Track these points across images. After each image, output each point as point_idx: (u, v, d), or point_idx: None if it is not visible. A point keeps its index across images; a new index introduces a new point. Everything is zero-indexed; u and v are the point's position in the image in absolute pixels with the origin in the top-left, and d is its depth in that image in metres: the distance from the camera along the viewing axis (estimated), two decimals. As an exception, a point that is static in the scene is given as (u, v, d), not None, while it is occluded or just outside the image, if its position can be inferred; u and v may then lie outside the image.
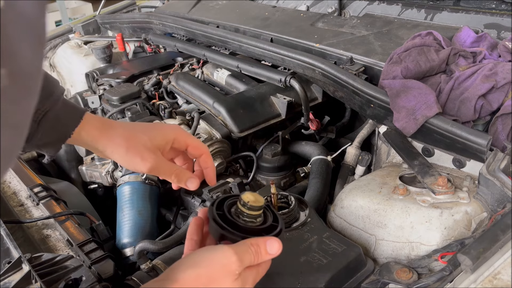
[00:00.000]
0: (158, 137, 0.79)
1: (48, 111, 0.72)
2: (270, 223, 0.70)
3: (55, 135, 0.74)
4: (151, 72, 1.91)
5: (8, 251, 1.02)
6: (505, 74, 1.08)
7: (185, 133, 0.83)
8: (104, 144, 0.77)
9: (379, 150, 1.24)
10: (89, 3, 5.79)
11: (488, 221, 0.88)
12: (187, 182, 0.79)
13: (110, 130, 0.77)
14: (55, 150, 0.77)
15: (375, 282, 0.82)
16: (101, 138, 0.77)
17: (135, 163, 0.76)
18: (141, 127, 0.81)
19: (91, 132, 0.76)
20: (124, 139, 0.77)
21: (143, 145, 0.77)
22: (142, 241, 1.14)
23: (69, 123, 0.75)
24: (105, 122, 0.79)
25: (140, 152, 0.76)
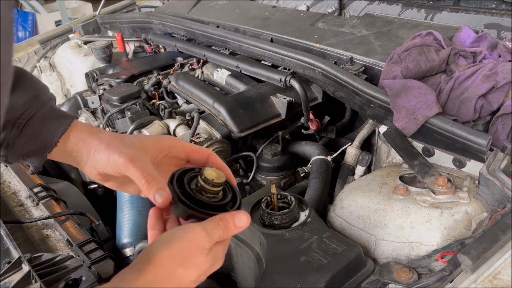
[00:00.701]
0: (150, 141, 0.73)
1: (32, 116, 0.67)
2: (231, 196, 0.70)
3: (39, 143, 0.69)
4: (151, 72, 1.91)
5: (8, 251, 1.02)
6: (505, 74, 1.07)
7: (183, 141, 0.77)
8: (89, 145, 0.70)
9: (379, 150, 1.24)
10: (89, 3, 5.79)
11: (488, 221, 0.88)
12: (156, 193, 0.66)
13: (99, 134, 0.72)
14: (39, 160, 0.71)
15: (375, 282, 0.82)
16: (88, 140, 0.70)
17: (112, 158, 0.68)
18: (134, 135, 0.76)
19: (80, 135, 0.71)
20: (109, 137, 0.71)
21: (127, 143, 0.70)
22: (142, 241, 1.15)
23: (55, 129, 0.69)
24: (95, 129, 0.74)
25: (119, 148, 0.69)
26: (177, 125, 1.47)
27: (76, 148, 0.71)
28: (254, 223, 0.90)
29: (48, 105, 0.70)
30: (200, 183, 0.67)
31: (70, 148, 0.71)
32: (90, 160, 0.71)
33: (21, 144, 0.68)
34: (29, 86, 0.69)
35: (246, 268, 0.97)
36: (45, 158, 0.71)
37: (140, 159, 0.68)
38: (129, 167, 0.67)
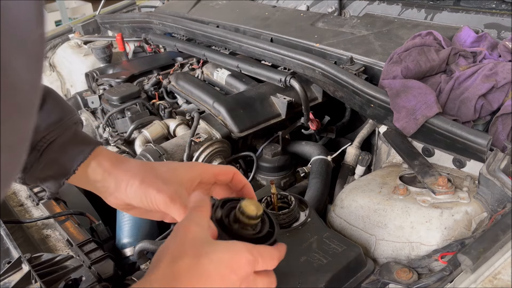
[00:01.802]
0: (181, 170, 0.70)
1: (53, 140, 0.65)
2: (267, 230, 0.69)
3: (57, 168, 0.66)
4: (151, 72, 1.91)
5: (8, 251, 1.02)
6: (505, 74, 1.07)
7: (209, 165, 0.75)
8: (116, 177, 0.67)
9: (379, 150, 1.24)
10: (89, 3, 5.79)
11: (488, 221, 0.88)
12: None
13: (125, 164, 0.68)
14: (56, 186, 0.68)
15: (375, 282, 0.82)
16: (114, 171, 0.67)
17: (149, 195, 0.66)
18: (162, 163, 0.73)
19: (103, 163, 0.67)
20: (141, 170, 0.67)
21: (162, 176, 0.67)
22: (142, 241, 1.14)
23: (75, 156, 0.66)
24: (120, 157, 0.70)
25: (156, 184, 0.65)
26: (177, 125, 1.47)
27: (101, 179, 0.68)
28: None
29: (71, 130, 0.68)
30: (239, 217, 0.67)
31: (93, 178, 0.68)
32: (119, 193, 0.68)
33: (39, 168, 0.66)
34: (54, 108, 0.66)
35: (246, 268, 0.97)
36: (62, 184, 0.68)
37: (180, 196, 0.66)
38: (170, 206, 0.65)
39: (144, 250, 1.12)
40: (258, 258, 0.61)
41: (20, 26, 0.29)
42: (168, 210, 0.66)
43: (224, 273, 0.58)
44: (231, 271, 0.58)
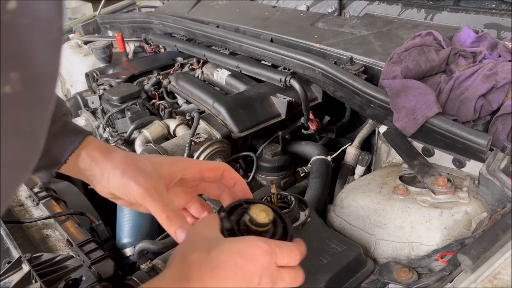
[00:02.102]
0: (164, 164, 0.70)
1: None
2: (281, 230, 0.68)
3: (49, 158, 0.68)
4: (151, 72, 1.91)
5: (8, 251, 1.02)
6: (505, 74, 1.07)
7: (194, 160, 0.75)
8: (102, 166, 0.68)
9: (379, 150, 1.24)
10: (89, 3, 5.79)
11: (488, 221, 0.88)
12: (177, 230, 0.65)
13: (112, 153, 0.70)
14: (48, 175, 0.69)
15: (375, 282, 0.82)
16: (100, 160, 0.69)
17: (128, 187, 0.67)
18: (147, 156, 0.73)
19: (92, 154, 0.69)
20: (123, 161, 0.68)
21: (143, 170, 0.67)
22: (142, 241, 1.14)
23: (66, 147, 0.68)
24: (108, 147, 0.71)
25: (136, 176, 0.66)
26: (177, 125, 1.47)
27: (88, 167, 0.69)
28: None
29: (61, 121, 0.69)
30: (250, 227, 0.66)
31: (82, 167, 0.69)
32: (103, 181, 0.69)
33: None
34: None
35: (246, 268, 0.97)
36: (53, 174, 0.70)
37: (157, 191, 0.66)
38: (147, 199, 0.66)
39: (144, 250, 1.12)
40: (276, 249, 0.60)
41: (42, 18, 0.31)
42: (144, 203, 0.66)
43: (238, 262, 0.57)
44: (246, 261, 0.58)
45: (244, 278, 0.57)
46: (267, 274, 0.59)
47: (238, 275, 0.57)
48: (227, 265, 0.57)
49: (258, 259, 0.58)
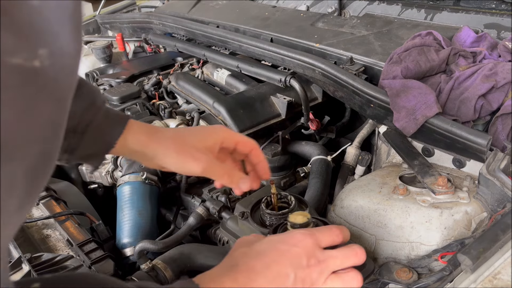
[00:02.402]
0: (208, 138, 0.78)
1: (90, 122, 0.71)
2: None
3: (98, 146, 0.74)
4: (151, 72, 1.91)
5: (8, 251, 1.02)
6: (505, 74, 1.07)
7: (232, 132, 0.83)
8: (153, 149, 0.75)
9: (379, 150, 1.24)
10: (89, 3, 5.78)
11: (488, 221, 0.88)
12: (240, 182, 0.78)
13: (157, 134, 0.76)
14: (98, 161, 0.76)
15: (375, 282, 0.82)
16: (150, 143, 0.75)
17: (187, 164, 0.75)
18: (189, 130, 0.81)
19: (138, 137, 0.75)
20: (173, 141, 0.75)
21: (193, 146, 0.76)
22: (142, 241, 1.15)
23: (112, 133, 0.73)
24: (152, 128, 0.78)
25: (191, 153, 0.75)
26: (177, 125, 1.47)
27: (139, 150, 0.75)
28: (254, 223, 0.90)
29: (103, 109, 0.74)
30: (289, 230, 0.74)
31: (132, 149, 0.76)
32: (156, 160, 0.76)
33: (81, 149, 0.72)
34: (85, 93, 0.72)
35: (246, 268, 0.97)
36: (103, 159, 0.76)
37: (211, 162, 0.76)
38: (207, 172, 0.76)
39: (144, 250, 1.12)
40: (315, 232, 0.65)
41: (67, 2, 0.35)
42: (206, 175, 0.77)
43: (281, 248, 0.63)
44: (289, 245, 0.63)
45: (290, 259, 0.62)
46: (313, 256, 0.63)
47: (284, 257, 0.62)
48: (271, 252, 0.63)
49: (300, 242, 0.63)
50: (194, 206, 1.29)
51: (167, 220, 1.40)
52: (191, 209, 1.31)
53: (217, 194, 1.26)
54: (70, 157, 0.73)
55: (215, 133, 0.80)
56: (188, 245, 1.19)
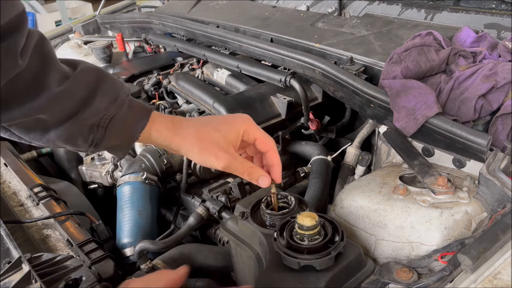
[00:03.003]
0: (230, 133, 0.81)
1: (114, 115, 0.73)
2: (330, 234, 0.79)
3: (122, 138, 0.76)
4: (151, 72, 1.91)
5: (8, 251, 1.02)
6: (505, 74, 1.07)
7: (254, 126, 0.84)
8: (177, 144, 0.79)
9: (379, 150, 1.24)
10: (89, 3, 5.79)
11: (488, 221, 0.88)
12: (259, 179, 0.82)
13: (181, 130, 0.79)
14: (123, 152, 0.79)
15: (375, 282, 0.81)
16: (174, 138, 0.78)
17: (209, 161, 0.78)
18: (212, 123, 0.82)
19: (162, 132, 0.78)
20: (197, 139, 0.78)
21: (216, 144, 0.78)
22: (142, 241, 1.15)
23: (135, 126, 0.76)
24: (175, 122, 0.80)
25: (214, 151, 0.78)
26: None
27: (162, 143, 0.79)
28: (254, 223, 0.90)
29: (126, 103, 0.75)
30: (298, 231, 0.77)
31: (155, 142, 0.79)
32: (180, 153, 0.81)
33: (106, 141, 0.75)
34: (107, 89, 0.74)
35: (246, 268, 0.97)
36: (128, 150, 0.80)
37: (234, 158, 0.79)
38: (228, 168, 0.79)
39: (144, 250, 1.12)
40: None
41: None
42: (227, 170, 0.80)
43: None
44: None
45: None
46: None
47: None
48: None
49: None
50: (194, 206, 1.29)
51: (167, 220, 1.40)
52: (191, 209, 1.31)
53: (217, 194, 1.26)
54: (95, 149, 0.76)
55: (238, 126, 0.82)
56: (188, 245, 1.19)
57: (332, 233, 0.79)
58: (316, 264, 0.75)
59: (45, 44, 0.71)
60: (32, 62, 0.68)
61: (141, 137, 0.77)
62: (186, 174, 1.34)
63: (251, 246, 0.91)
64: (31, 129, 0.72)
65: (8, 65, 0.64)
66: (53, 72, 0.70)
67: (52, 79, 0.69)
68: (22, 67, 0.66)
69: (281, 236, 0.80)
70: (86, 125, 0.72)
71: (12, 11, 0.63)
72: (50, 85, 0.69)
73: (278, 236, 0.79)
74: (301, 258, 0.75)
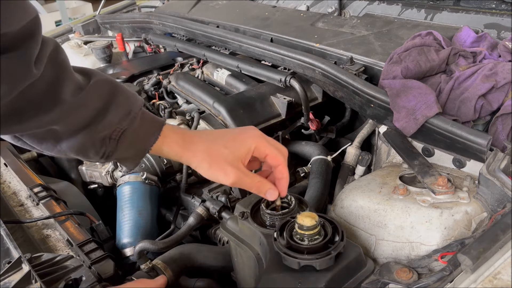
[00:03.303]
0: (240, 150, 0.82)
1: (126, 129, 0.74)
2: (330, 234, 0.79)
3: (133, 151, 0.77)
4: (151, 72, 1.91)
5: (8, 251, 1.02)
6: (505, 74, 1.07)
7: (265, 143, 0.85)
8: (187, 159, 0.81)
9: (379, 150, 1.24)
10: (89, 3, 5.79)
11: (488, 221, 0.88)
12: (267, 193, 0.84)
13: (191, 146, 0.80)
14: (134, 164, 0.80)
15: (375, 282, 0.81)
16: (184, 154, 0.80)
17: (219, 177, 0.80)
18: (222, 139, 0.83)
19: (173, 148, 0.79)
20: (207, 155, 0.80)
21: (225, 159, 0.80)
22: (142, 241, 1.15)
23: (147, 140, 0.77)
24: (186, 137, 0.81)
25: (223, 167, 0.79)
26: (177, 125, 1.47)
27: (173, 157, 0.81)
28: (254, 223, 0.90)
29: (138, 116, 0.76)
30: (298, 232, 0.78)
31: (166, 155, 0.81)
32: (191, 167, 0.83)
33: (117, 154, 0.76)
34: (123, 102, 0.75)
35: (246, 268, 0.97)
36: (138, 162, 0.81)
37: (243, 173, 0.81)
38: (237, 184, 0.81)
39: (144, 250, 1.12)
40: None
41: None
42: (236, 186, 0.83)
43: None
44: None
45: None
46: None
47: None
48: None
49: None
50: (194, 206, 1.29)
51: (167, 220, 1.40)
52: (191, 209, 1.31)
53: (217, 194, 1.26)
54: (106, 160, 0.77)
55: (248, 144, 0.83)
56: (188, 245, 1.19)
57: (332, 233, 0.79)
58: (316, 264, 0.75)
59: (60, 53, 0.69)
60: (47, 71, 0.66)
61: (152, 150, 0.78)
62: (186, 174, 1.34)
63: (251, 246, 0.91)
64: (43, 139, 0.72)
65: (22, 74, 0.62)
66: (68, 82, 0.69)
67: (67, 90, 0.68)
68: (37, 76, 0.64)
69: (281, 236, 0.80)
70: (98, 138, 0.72)
71: (25, 16, 0.61)
72: (64, 96, 0.68)
73: (278, 236, 0.79)
74: (301, 258, 0.75)
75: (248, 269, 0.96)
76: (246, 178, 0.81)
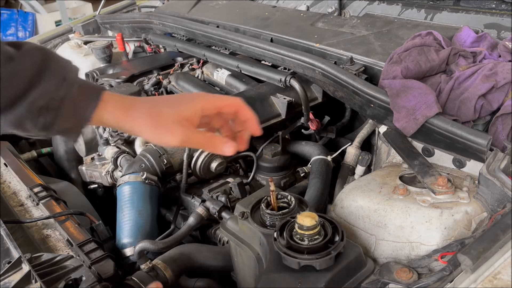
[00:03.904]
0: (185, 109, 0.77)
1: (64, 97, 0.70)
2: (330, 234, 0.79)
3: (74, 120, 0.73)
4: (151, 72, 1.91)
5: (8, 251, 1.02)
6: (505, 74, 1.08)
7: (212, 97, 0.81)
8: (129, 125, 0.76)
9: (379, 150, 1.24)
10: (89, 3, 5.79)
11: (488, 221, 0.88)
12: (223, 148, 0.77)
13: (133, 110, 0.76)
14: (76, 135, 0.76)
15: (375, 282, 0.82)
16: (125, 119, 0.75)
17: (165, 138, 0.75)
18: (165, 101, 0.79)
19: (114, 113, 0.75)
20: (149, 116, 0.75)
21: (170, 119, 0.75)
22: (142, 241, 1.15)
23: (87, 107, 0.73)
24: (127, 102, 0.77)
25: (168, 127, 0.75)
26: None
27: (116, 125, 0.76)
28: (254, 223, 0.90)
29: (77, 83, 0.72)
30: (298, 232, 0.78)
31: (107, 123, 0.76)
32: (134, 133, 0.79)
33: (57, 125, 0.71)
34: (55, 69, 0.71)
35: (246, 268, 0.97)
36: (80, 132, 0.76)
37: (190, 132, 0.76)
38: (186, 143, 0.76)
39: (144, 250, 1.12)
40: None
41: None
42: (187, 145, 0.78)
43: None
44: None
45: None
46: None
47: None
48: None
49: None
50: (194, 206, 1.29)
51: (167, 220, 1.40)
52: (191, 209, 1.31)
53: (217, 194, 1.26)
54: (48, 133, 0.73)
55: (193, 103, 0.78)
56: (188, 245, 1.19)
57: (332, 233, 0.79)
58: (316, 264, 0.75)
59: None
60: None
61: (94, 119, 0.74)
62: (186, 174, 1.34)
63: (251, 246, 0.91)
64: None
65: None
66: None
67: None
68: None
69: (281, 236, 0.80)
70: (35, 108, 0.68)
71: None
72: None
73: (278, 236, 0.79)
74: (301, 258, 0.75)
75: (248, 269, 0.96)
76: (196, 135, 0.76)
